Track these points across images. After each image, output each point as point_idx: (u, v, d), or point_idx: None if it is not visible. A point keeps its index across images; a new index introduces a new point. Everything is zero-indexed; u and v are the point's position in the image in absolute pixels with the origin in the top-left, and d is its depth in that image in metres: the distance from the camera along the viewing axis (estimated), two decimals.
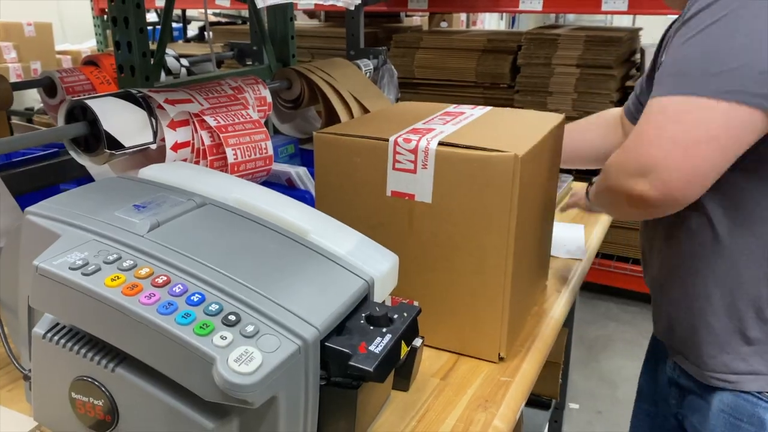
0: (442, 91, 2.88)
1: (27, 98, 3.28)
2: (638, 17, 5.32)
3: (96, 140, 0.93)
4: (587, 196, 1.10)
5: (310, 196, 1.18)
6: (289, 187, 1.25)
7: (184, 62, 1.98)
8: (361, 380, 0.64)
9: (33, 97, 3.14)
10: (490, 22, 6.21)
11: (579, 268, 1.25)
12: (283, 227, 0.72)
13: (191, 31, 4.20)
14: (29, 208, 0.69)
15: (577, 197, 1.17)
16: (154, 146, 0.98)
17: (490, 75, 2.79)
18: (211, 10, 3.56)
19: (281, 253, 0.68)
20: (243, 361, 0.53)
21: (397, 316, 0.67)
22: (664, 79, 0.78)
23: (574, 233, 1.39)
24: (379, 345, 0.62)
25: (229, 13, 3.86)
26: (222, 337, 0.55)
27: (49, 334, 0.63)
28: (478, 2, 2.75)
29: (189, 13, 4.13)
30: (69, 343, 0.62)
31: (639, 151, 0.76)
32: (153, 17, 3.90)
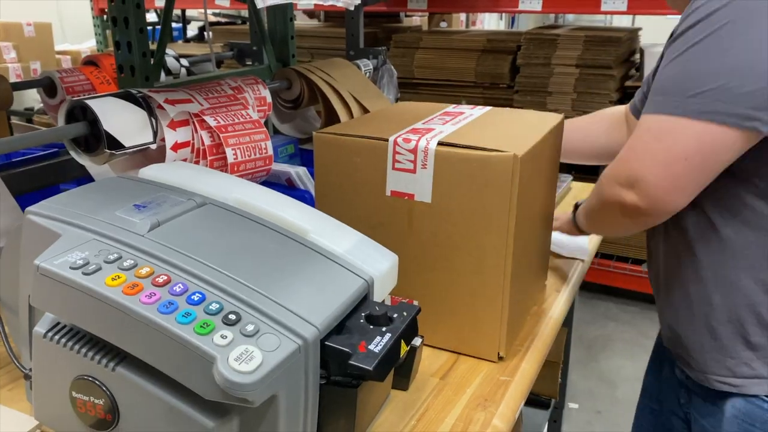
0: (441, 91, 2.88)
1: (27, 98, 3.28)
2: (638, 17, 5.32)
3: (96, 140, 0.93)
4: (574, 220, 1.12)
5: (310, 195, 1.18)
6: (288, 187, 1.25)
7: (184, 62, 1.98)
8: (360, 379, 0.64)
9: (33, 97, 3.14)
10: (490, 22, 6.21)
11: (578, 267, 1.25)
12: (283, 227, 0.72)
13: (191, 31, 4.20)
14: (30, 208, 0.69)
15: (560, 222, 1.17)
16: (154, 146, 0.98)
17: (490, 75, 2.79)
18: (211, 10, 3.56)
19: (281, 253, 0.68)
20: (243, 360, 0.53)
21: (396, 316, 0.67)
22: (651, 97, 0.84)
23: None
24: (378, 344, 0.62)
25: (228, 13, 3.86)
26: (222, 336, 0.55)
27: (49, 334, 0.63)
28: (477, 2, 2.75)
29: (188, 13, 4.13)
30: (70, 343, 0.62)
31: (628, 164, 0.83)
32: (152, 17, 3.90)
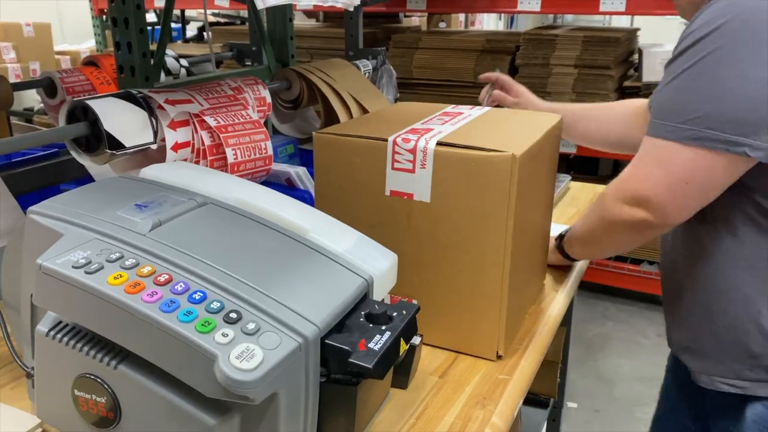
0: (440, 92, 2.88)
1: (26, 98, 3.28)
2: (636, 18, 5.33)
3: (97, 140, 0.93)
4: (560, 250, 1.13)
5: (310, 195, 1.18)
6: (288, 186, 1.26)
7: (184, 63, 1.99)
8: (360, 377, 0.65)
9: (32, 97, 3.14)
10: (489, 22, 6.22)
11: (577, 267, 1.25)
12: (283, 226, 0.73)
13: (190, 31, 4.21)
14: (32, 208, 0.69)
15: None
16: (154, 146, 0.98)
17: None
18: (210, 11, 3.56)
19: (281, 252, 0.69)
20: (244, 358, 0.54)
21: (396, 314, 0.68)
22: (652, 121, 0.87)
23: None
24: (378, 342, 0.63)
25: (227, 14, 3.86)
26: (223, 335, 0.55)
27: (52, 332, 0.63)
28: (476, 3, 2.76)
29: (187, 13, 4.14)
30: (72, 341, 0.62)
31: (632, 185, 0.88)
32: (152, 17, 3.90)
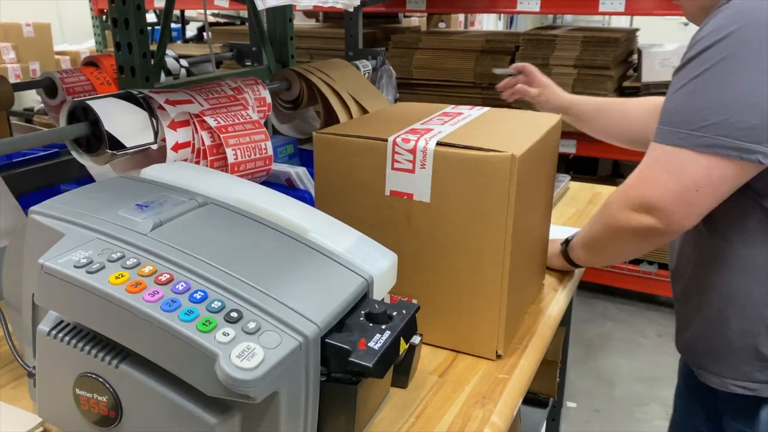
0: (440, 92, 2.89)
1: (26, 99, 3.28)
2: (635, 18, 5.33)
3: (97, 140, 0.94)
4: (565, 255, 1.12)
5: (310, 195, 1.19)
6: (288, 187, 1.26)
7: (184, 63, 1.99)
8: (360, 376, 0.65)
9: (32, 97, 3.14)
10: (488, 22, 6.22)
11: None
12: (283, 226, 0.73)
13: (190, 31, 4.21)
14: (33, 208, 0.69)
15: (547, 255, 1.17)
16: (155, 146, 0.99)
17: (488, 75, 2.79)
18: (210, 11, 3.57)
19: (282, 252, 0.69)
20: (245, 357, 0.54)
21: (396, 314, 0.68)
22: (659, 128, 0.86)
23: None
24: (378, 341, 0.63)
25: (227, 14, 3.87)
26: (224, 334, 0.56)
27: (53, 332, 0.63)
28: (476, 3, 2.76)
29: (187, 13, 4.14)
30: (73, 340, 0.63)
31: (640, 192, 0.87)
32: (152, 18, 3.90)
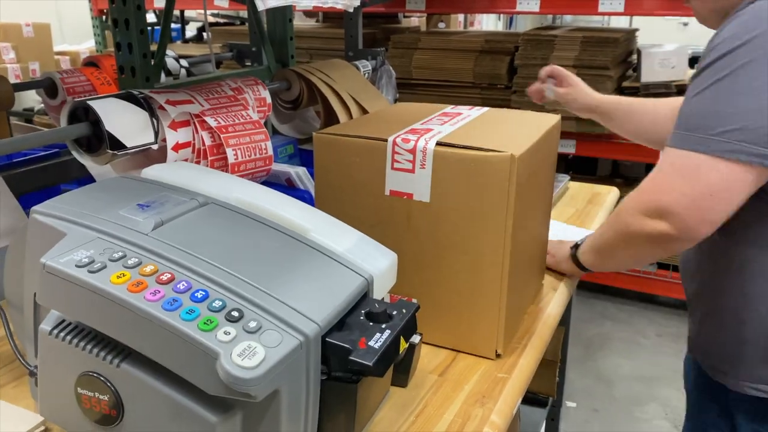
0: (439, 92, 2.89)
1: (26, 99, 3.28)
2: (635, 18, 5.34)
3: (98, 141, 0.94)
4: (575, 259, 1.10)
5: (310, 195, 1.19)
6: (288, 187, 1.26)
7: (184, 63, 1.99)
8: (361, 375, 0.65)
9: (32, 97, 3.14)
10: (488, 23, 6.22)
11: None
12: (284, 226, 0.73)
13: (189, 31, 4.21)
14: (35, 207, 0.70)
15: (556, 259, 1.15)
16: (155, 146, 0.99)
17: (488, 76, 2.80)
18: (210, 11, 3.57)
19: (282, 251, 0.69)
20: (246, 356, 0.54)
21: (396, 313, 0.68)
22: (676, 131, 0.85)
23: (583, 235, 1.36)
24: (378, 340, 0.63)
25: (227, 14, 3.87)
26: (225, 333, 0.56)
27: (55, 331, 0.64)
28: (475, 3, 2.77)
29: (187, 13, 4.14)
30: (75, 339, 0.63)
31: (654, 197, 0.85)
32: (151, 18, 3.90)
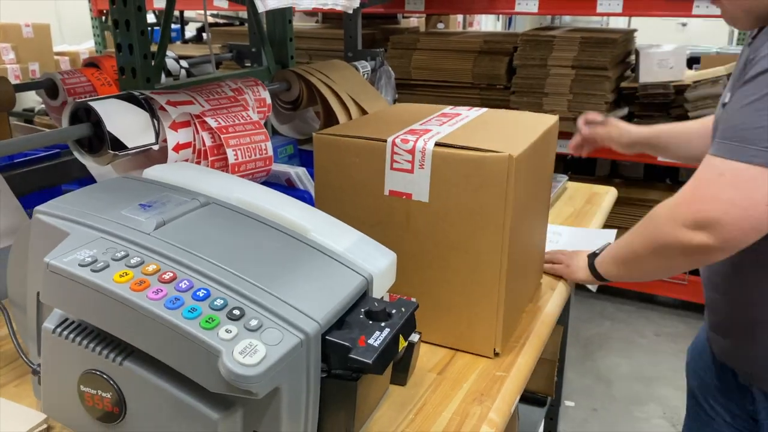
0: (438, 92, 2.90)
1: (26, 99, 3.28)
2: (633, 19, 5.35)
3: (99, 141, 0.95)
4: (592, 269, 1.08)
5: (309, 196, 1.20)
6: (288, 187, 1.27)
7: (184, 64, 2.00)
8: (360, 372, 0.66)
9: (32, 98, 3.14)
10: (487, 23, 6.23)
11: None
12: (284, 226, 0.74)
13: (189, 32, 4.21)
14: (38, 207, 0.70)
15: (571, 269, 1.13)
16: (156, 147, 1.00)
17: (487, 76, 2.81)
18: (209, 12, 3.57)
19: (283, 251, 0.70)
20: (247, 354, 0.55)
21: (395, 312, 0.69)
22: (723, 143, 0.83)
23: (607, 238, 1.33)
24: (378, 339, 0.64)
25: (226, 14, 3.87)
26: (227, 331, 0.57)
27: (58, 329, 0.64)
28: (474, 4, 2.77)
29: (186, 14, 4.14)
30: (78, 338, 0.64)
31: (697, 207, 0.82)
32: (151, 18, 3.91)
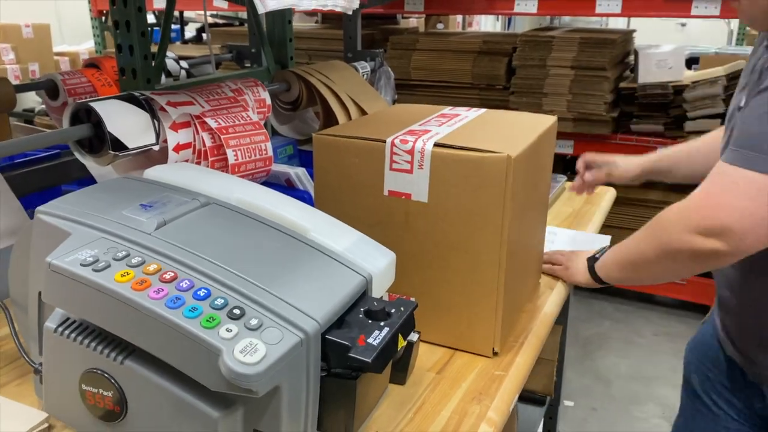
0: (438, 93, 2.90)
1: (25, 100, 3.29)
2: (632, 19, 5.36)
3: (100, 142, 0.95)
4: (592, 273, 1.08)
5: (309, 196, 1.20)
6: (288, 187, 1.27)
7: (184, 64, 2.00)
8: (360, 371, 0.67)
9: (32, 98, 3.15)
10: (486, 23, 6.24)
11: None
12: (284, 226, 0.75)
13: (188, 32, 4.22)
14: (40, 208, 0.71)
15: (571, 271, 1.13)
16: (156, 147, 1.00)
17: (486, 76, 2.81)
18: (209, 12, 3.58)
19: (283, 251, 0.71)
20: (248, 353, 0.56)
21: (394, 311, 0.69)
22: (738, 151, 0.83)
23: (601, 242, 1.34)
24: (377, 338, 0.65)
25: (226, 15, 3.88)
26: (228, 330, 0.57)
27: (60, 328, 0.65)
28: (473, 4, 2.77)
29: (186, 14, 4.15)
30: (79, 337, 0.64)
31: (709, 214, 0.81)
32: (150, 18, 3.91)
